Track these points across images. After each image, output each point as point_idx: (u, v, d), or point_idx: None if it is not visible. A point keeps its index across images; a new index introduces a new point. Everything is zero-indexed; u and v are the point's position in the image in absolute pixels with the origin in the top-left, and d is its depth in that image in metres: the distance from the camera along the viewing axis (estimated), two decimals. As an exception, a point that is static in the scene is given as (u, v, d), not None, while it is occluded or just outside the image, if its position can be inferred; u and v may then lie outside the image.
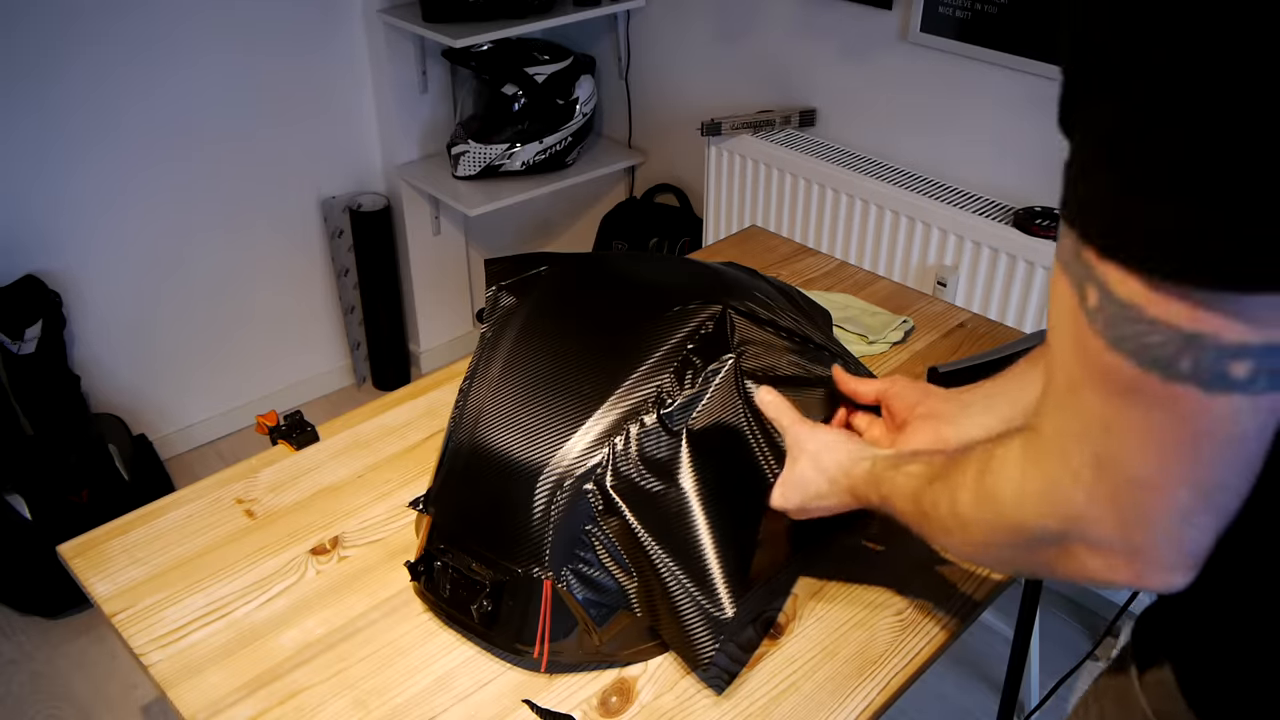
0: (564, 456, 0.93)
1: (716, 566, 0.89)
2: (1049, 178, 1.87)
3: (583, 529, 0.92)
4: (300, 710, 0.90)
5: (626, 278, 1.09)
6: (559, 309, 1.05)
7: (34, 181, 2.09)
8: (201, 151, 2.29)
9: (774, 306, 1.07)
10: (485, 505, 0.95)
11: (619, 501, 0.91)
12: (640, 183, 2.77)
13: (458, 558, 0.95)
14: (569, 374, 0.97)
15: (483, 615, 0.93)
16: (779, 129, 2.19)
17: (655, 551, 0.90)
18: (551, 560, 0.91)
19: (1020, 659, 1.45)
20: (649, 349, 0.97)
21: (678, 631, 0.89)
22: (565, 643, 0.92)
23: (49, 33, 2.00)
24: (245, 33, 2.25)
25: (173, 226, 2.31)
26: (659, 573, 0.89)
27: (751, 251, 1.66)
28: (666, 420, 0.93)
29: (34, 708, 1.90)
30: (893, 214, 1.95)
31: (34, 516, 2.02)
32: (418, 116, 2.55)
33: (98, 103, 2.10)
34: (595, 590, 0.92)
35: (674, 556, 0.89)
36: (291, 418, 1.24)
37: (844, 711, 0.90)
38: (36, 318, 2.08)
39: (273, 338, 2.61)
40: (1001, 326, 1.47)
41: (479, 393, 1.00)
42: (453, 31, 2.22)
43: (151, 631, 0.98)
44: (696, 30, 2.40)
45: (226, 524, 1.11)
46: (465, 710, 0.90)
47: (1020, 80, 1.84)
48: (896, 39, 2.01)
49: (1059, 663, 1.96)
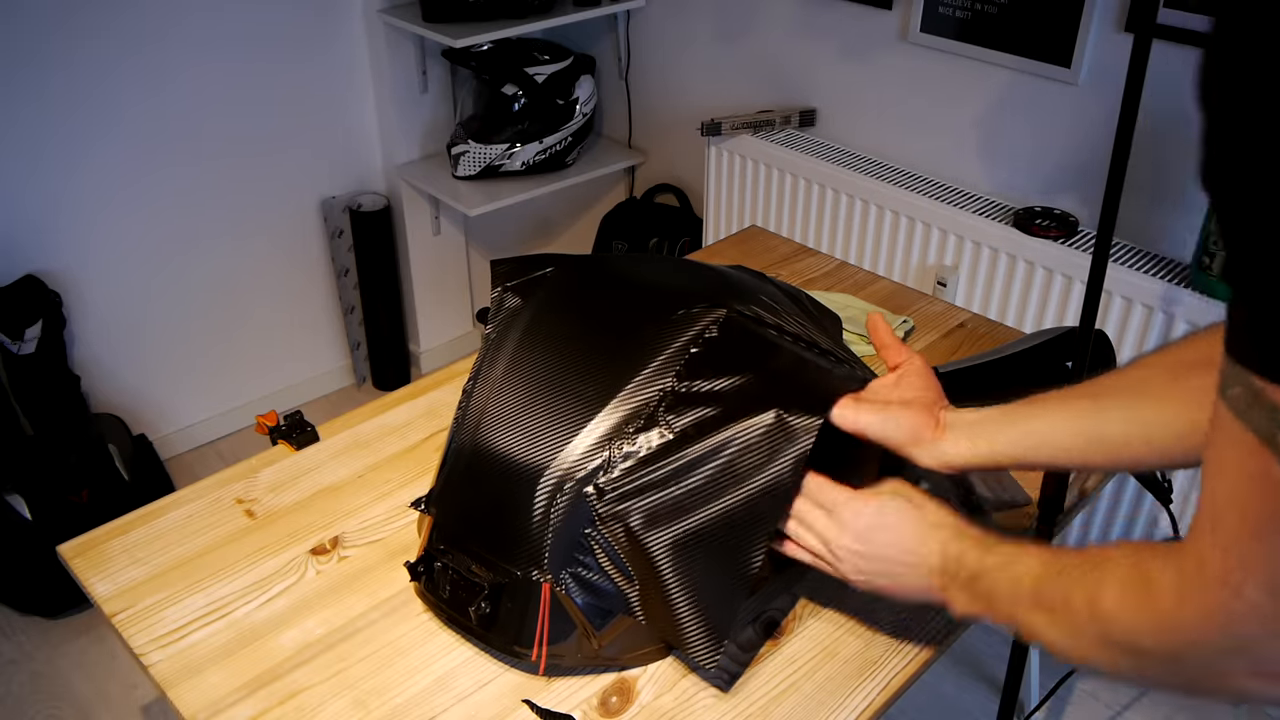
0: (565, 459, 0.92)
1: (717, 570, 0.89)
2: (1049, 178, 1.87)
3: (582, 532, 0.91)
4: (300, 710, 0.90)
5: (631, 280, 1.09)
6: (563, 311, 1.05)
7: (34, 181, 2.09)
8: (201, 151, 2.29)
9: (780, 310, 1.06)
10: (486, 506, 0.95)
11: (619, 505, 0.91)
12: (640, 183, 2.77)
13: (457, 559, 0.95)
14: (572, 376, 0.97)
15: (481, 617, 0.93)
16: (779, 129, 2.19)
17: (655, 555, 0.89)
18: (550, 563, 0.91)
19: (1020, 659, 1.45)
20: (652, 352, 0.97)
21: (679, 635, 0.89)
22: (564, 646, 0.92)
23: (49, 32, 2.00)
24: (245, 32, 2.25)
25: (173, 226, 2.31)
26: (659, 576, 0.89)
27: (751, 251, 1.66)
28: (668, 424, 0.93)
29: (34, 708, 1.90)
30: (893, 214, 1.95)
31: (34, 516, 2.02)
32: (418, 116, 2.55)
33: (98, 102, 2.10)
34: (594, 594, 0.91)
35: (674, 560, 0.89)
36: (291, 418, 1.24)
37: (844, 711, 0.90)
38: (36, 318, 2.08)
39: (273, 337, 2.61)
40: (1001, 326, 1.47)
41: (482, 393, 1.00)
42: (453, 31, 2.22)
43: (151, 631, 0.98)
44: (696, 30, 2.40)
45: (226, 524, 1.11)
46: (465, 710, 0.90)
47: (1020, 80, 1.84)
48: (896, 39, 2.01)
49: (1059, 663, 1.96)
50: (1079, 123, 1.79)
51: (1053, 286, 1.76)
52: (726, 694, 0.92)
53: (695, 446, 0.92)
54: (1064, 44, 1.75)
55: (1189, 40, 1.60)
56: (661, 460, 0.92)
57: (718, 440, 0.92)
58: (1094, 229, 1.79)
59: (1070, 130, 1.81)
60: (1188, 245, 1.72)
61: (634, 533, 0.90)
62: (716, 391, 0.95)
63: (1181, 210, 1.71)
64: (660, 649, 0.95)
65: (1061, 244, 1.74)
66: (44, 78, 2.02)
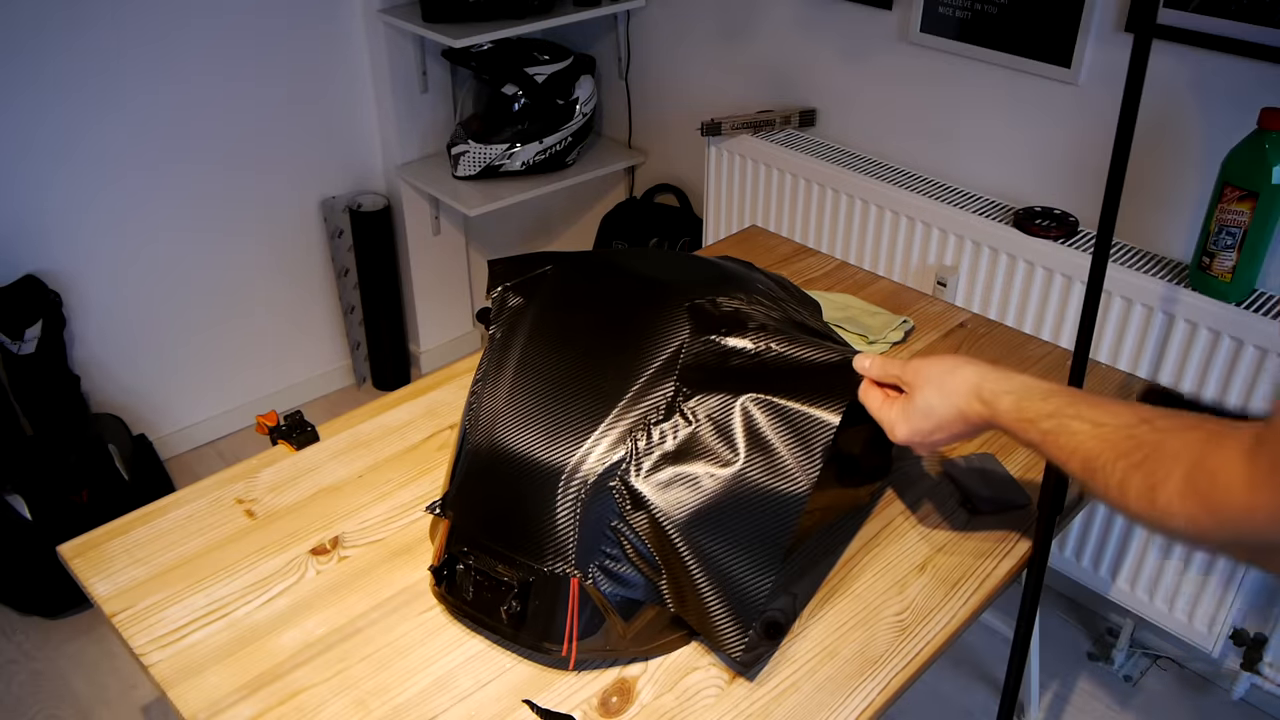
0: (587, 454, 0.93)
1: (744, 556, 0.89)
2: (1049, 178, 1.87)
3: (609, 525, 0.92)
4: (300, 710, 0.90)
5: (633, 274, 1.09)
6: (569, 308, 1.05)
7: (34, 181, 2.09)
8: (201, 151, 2.29)
9: (777, 298, 1.08)
10: (508, 506, 0.96)
11: (643, 496, 0.91)
12: (640, 183, 2.77)
13: (481, 560, 0.95)
14: (585, 372, 0.98)
15: (511, 616, 0.93)
16: (779, 129, 2.19)
17: (682, 545, 0.90)
18: (578, 558, 0.91)
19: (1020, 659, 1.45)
20: (665, 344, 0.98)
21: (707, 623, 0.90)
22: (592, 639, 0.93)
23: (48, 33, 2.00)
24: (245, 33, 2.25)
25: (173, 226, 2.31)
26: (686, 565, 0.90)
27: (751, 251, 1.66)
28: (687, 413, 0.93)
29: (34, 708, 1.90)
30: (893, 214, 1.95)
31: (34, 516, 2.02)
32: (418, 116, 2.55)
33: (98, 102, 2.10)
34: (622, 585, 0.92)
35: (701, 548, 0.90)
36: (291, 418, 1.24)
37: (844, 711, 0.90)
38: (36, 318, 2.08)
39: (273, 338, 2.61)
40: (1001, 326, 1.47)
41: (494, 394, 1.00)
42: (453, 31, 2.22)
43: (151, 631, 0.98)
44: (696, 30, 2.40)
45: (227, 524, 1.11)
46: (465, 710, 0.90)
47: (1020, 80, 1.84)
48: (896, 39, 2.01)
49: (1059, 663, 1.96)
50: (1079, 123, 1.79)
51: (1053, 286, 1.76)
52: (726, 694, 0.92)
53: (716, 434, 0.93)
54: (1064, 44, 1.75)
55: (1189, 40, 1.60)
56: (683, 449, 0.93)
57: (738, 426, 0.93)
58: (1094, 229, 1.79)
59: (1070, 130, 1.81)
60: (1188, 245, 1.72)
61: (659, 523, 0.91)
62: (733, 378, 0.96)
63: (1181, 210, 1.71)
64: (683, 636, 0.96)
65: (1061, 244, 1.74)
66: (44, 79, 2.02)
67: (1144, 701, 1.89)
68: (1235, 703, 1.88)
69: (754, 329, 1.00)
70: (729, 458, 0.92)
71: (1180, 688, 1.91)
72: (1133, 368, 1.70)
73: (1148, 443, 0.69)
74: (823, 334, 1.05)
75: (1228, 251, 1.55)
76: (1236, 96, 1.58)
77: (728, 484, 0.92)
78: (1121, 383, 1.36)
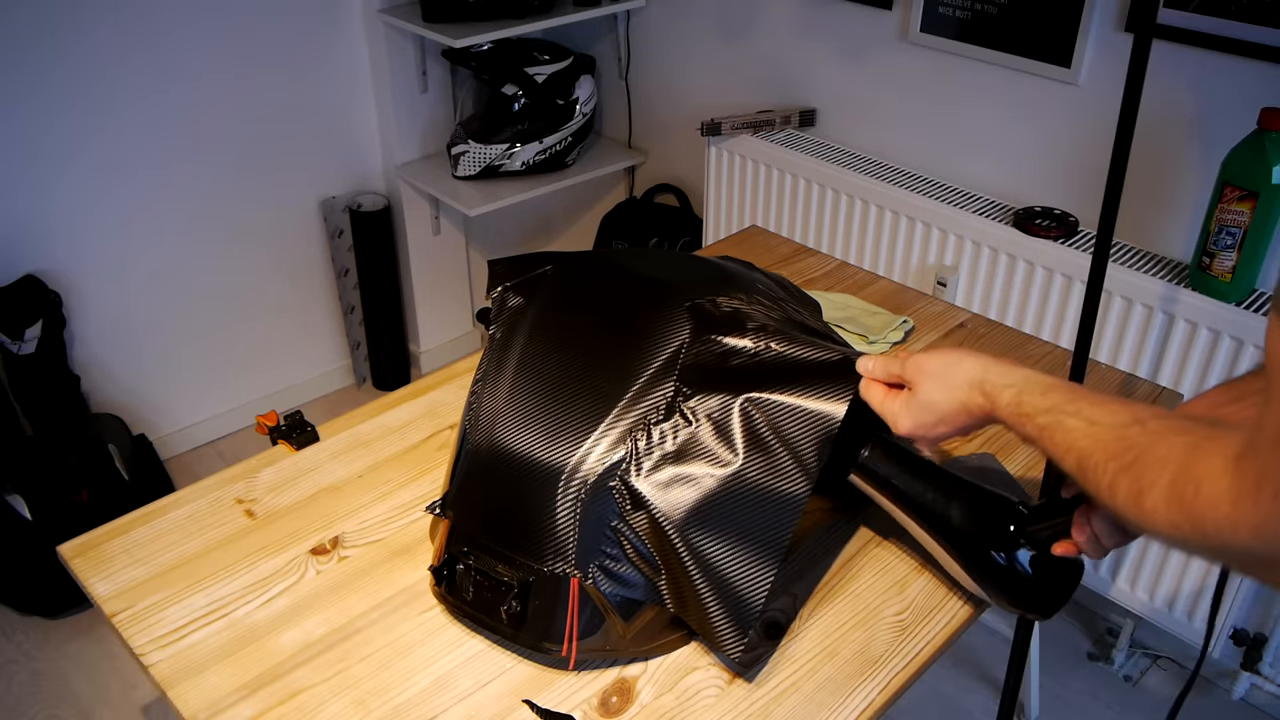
0: (587, 454, 0.93)
1: (744, 556, 0.89)
2: (1049, 178, 1.87)
3: (609, 525, 0.92)
4: (300, 710, 0.90)
5: (633, 274, 1.09)
6: (569, 308, 1.05)
7: (34, 181, 2.09)
8: (202, 151, 2.29)
9: (776, 297, 1.08)
10: (508, 506, 0.96)
11: (644, 496, 0.91)
12: (640, 183, 2.77)
13: (481, 560, 0.95)
14: (585, 372, 0.98)
15: (511, 616, 0.93)
16: (779, 129, 2.19)
17: (681, 545, 0.90)
18: (578, 558, 0.91)
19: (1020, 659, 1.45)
20: (665, 344, 0.98)
21: (706, 623, 0.90)
22: (592, 639, 0.93)
23: (49, 33, 2.00)
24: (245, 33, 2.25)
25: (173, 226, 2.31)
26: (685, 566, 0.90)
27: (751, 251, 1.66)
28: (686, 413, 0.93)
29: (34, 708, 1.90)
30: (893, 214, 1.95)
31: (34, 516, 2.02)
32: (418, 116, 2.55)
33: (98, 102, 2.10)
34: (622, 585, 0.92)
35: (701, 549, 0.90)
36: (291, 418, 1.24)
37: (844, 711, 0.90)
38: (36, 318, 2.08)
39: (273, 338, 2.61)
40: (1001, 326, 1.47)
41: (494, 394, 1.00)
42: (453, 31, 2.22)
43: (151, 631, 0.98)
44: (696, 30, 2.40)
45: (226, 524, 1.11)
46: (465, 710, 0.90)
47: (1020, 80, 1.84)
48: (896, 39, 2.01)
49: (1059, 663, 1.96)
50: (1079, 123, 1.79)
51: (1053, 286, 1.76)
52: (726, 694, 0.92)
53: (716, 434, 0.93)
54: (1064, 44, 1.75)
55: (1189, 40, 1.60)
56: (683, 449, 0.93)
57: (738, 426, 0.93)
58: (1094, 229, 1.79)
59: (1070, 130, 1.81)
60: (1188, 245, 1.72)
61: (658, 523, 0.91)
62: (733, 378, 0.96)
63: (1181, 210, 1.71)
64: (683, 636, 0.96)
65: (1061, 244, 1.74)
66: (44, 79, 2.02)
67: (1144, 701, 1.89)
68: (1235, 703, 1.88)
69: (754, 329, 1.00)
70: (729, 458, 0.92)
71: (1180, 688, 1.91)
72: (1133, 368, 1.70)
73: (1137, 445, 0.68)
74: (823, 334, 1.05)
75: (1228, 251, 1.55)
76: (1236, 96, 1.58)
77: (727, 484, 0.92)
78: (1121, 382, 1.36)
